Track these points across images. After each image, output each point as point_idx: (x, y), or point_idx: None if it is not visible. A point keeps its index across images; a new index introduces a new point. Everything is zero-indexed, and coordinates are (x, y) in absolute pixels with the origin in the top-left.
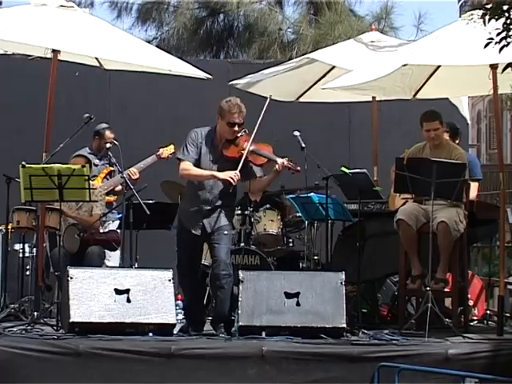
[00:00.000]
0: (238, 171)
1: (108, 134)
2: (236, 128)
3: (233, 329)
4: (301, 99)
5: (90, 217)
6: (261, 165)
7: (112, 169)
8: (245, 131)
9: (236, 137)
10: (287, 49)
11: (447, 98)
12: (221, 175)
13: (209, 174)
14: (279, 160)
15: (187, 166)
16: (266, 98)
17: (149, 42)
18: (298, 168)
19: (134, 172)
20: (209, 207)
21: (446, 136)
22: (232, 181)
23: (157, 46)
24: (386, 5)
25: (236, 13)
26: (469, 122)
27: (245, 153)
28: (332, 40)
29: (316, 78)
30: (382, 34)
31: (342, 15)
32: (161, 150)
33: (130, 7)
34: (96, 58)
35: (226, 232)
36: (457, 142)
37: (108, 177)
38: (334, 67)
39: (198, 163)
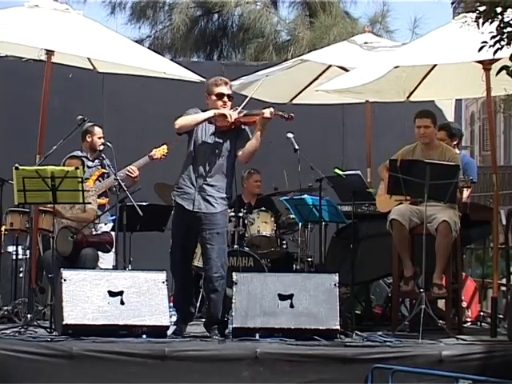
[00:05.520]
0: (238, 110)
1: (97, 129)
2: (225, 99)
3: (226, 330)
4: (294, 101)
5: (85, 212)
6: (253, 122)
7: (104, 171)
8: (236, 108)
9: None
10: (282, 51)
11: (433, 101)
12: (218, 110)
13: (206, 113)
14: (266, 110)
15: (183, 116)
16: (259, 100)
17: (142, 40)
18: (292, 114)
19: (133, 170)
20: (201, 182)
21: (443, 135)
22: (229, 117)
23: (150, 45)
24: (381, 8)
25: (231, 13)
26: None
27: (233, 117)
28: (327, 43)
29: (309, 80)
30: (378, 37)
31: (336, 18)
32: (154, 150)
33: (124, 4)
34: (90, 61)
35: (218, 231)
36: (454, 143)
37: (100, 179)
38: (327, 69)
39: (195, 136)
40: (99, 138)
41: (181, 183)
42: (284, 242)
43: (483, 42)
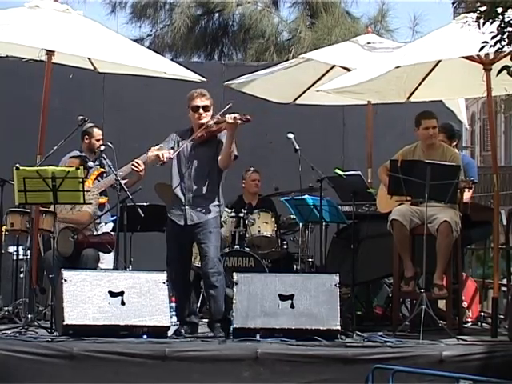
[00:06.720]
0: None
1: (96, 131)
2: (201, 111)
3: (230, 328)
4: (297, 101)
5: (79, 213)
6: (221, 129)
7: (103, 170)
8: (217, 118)
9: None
10: (283, 51)
11: (441, 101)
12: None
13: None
14: (228, 116)
15: None
16: (261, 98)
17: (143, 39)
18: (248, 116)
19: (138, 163)
20: (190, 195)
21: (442, 137)
22: (161, 156)
23: (151, 44)
24: (381, 8)
25: (232, 13)
26: (467, 126)
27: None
28: (329, 44)
29: (312, 80)
30: (378, 36)
31: (338, 19)
32: (152, 149)
33: (124, 3)
34: (90, 61)
35: (210, 230)
36: (454, 144)
37: (99, 178)
38: (331, 69)
39: (177, 154)
40: (97, 140)
41: (172, 198)
42: (284, 242)
43: (484, 42)
